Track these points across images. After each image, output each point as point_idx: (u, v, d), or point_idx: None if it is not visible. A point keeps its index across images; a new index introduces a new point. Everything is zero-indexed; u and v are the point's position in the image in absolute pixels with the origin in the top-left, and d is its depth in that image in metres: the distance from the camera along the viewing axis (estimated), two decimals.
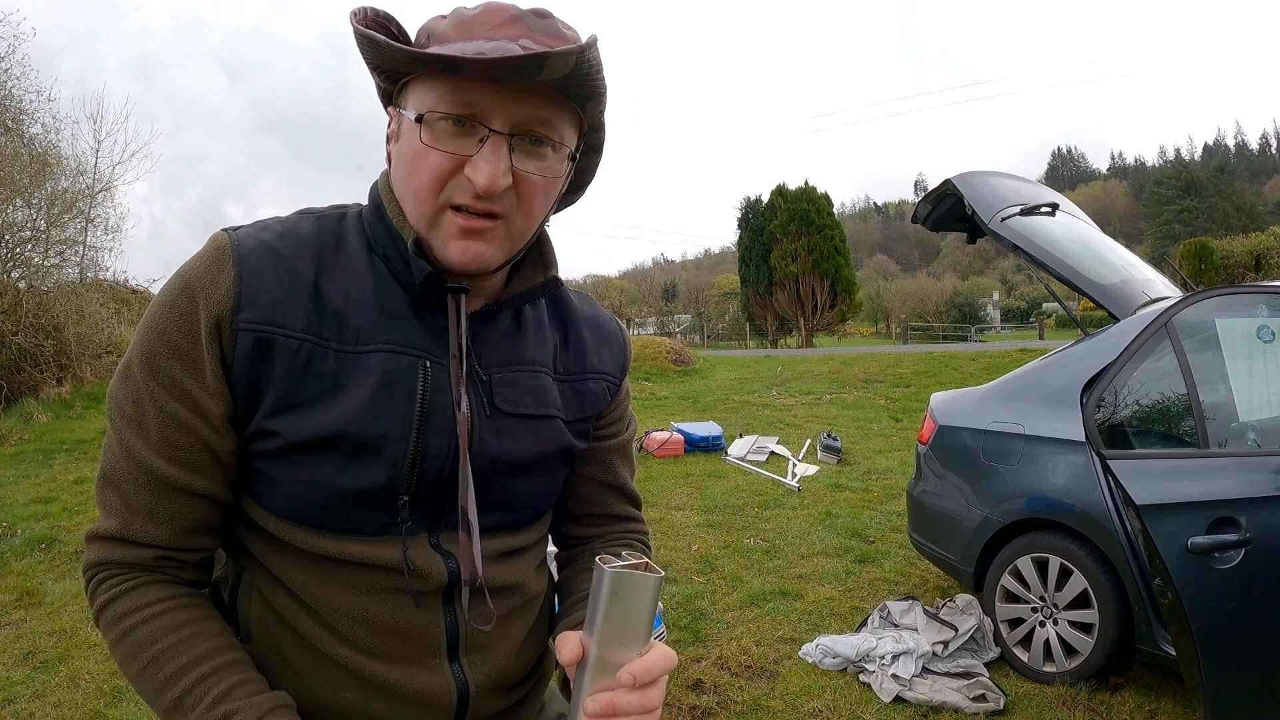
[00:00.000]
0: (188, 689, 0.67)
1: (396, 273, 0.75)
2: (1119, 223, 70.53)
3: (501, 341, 0.81)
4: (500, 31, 0.67)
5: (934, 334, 39.62)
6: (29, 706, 2.85)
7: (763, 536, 4.89)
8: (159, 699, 0.68)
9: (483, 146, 0.67)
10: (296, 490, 0.72)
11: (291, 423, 0.70)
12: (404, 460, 0.72)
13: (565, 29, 0.69)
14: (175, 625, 0.70)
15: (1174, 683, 2.89)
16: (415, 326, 0.74)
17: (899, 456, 7.10)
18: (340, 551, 0.73)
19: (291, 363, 0.69)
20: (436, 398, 0.74)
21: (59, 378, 8.90)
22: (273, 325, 0.69)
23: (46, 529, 4.90)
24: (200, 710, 0.66)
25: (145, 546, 0.72)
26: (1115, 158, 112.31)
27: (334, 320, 0.71)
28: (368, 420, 0.70)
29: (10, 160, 8.98)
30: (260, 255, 0.70)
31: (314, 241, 0.74)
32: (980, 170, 3.90)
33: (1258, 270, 24.97)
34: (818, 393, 11.58)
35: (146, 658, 0.68)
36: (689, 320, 49.04)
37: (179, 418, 0.69)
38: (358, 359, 0.71)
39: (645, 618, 0.66)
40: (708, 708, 2.84)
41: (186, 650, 0.69)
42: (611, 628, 0.65)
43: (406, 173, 0.71)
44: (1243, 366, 2.58)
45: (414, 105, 0.69)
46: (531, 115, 0.68)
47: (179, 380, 0.69)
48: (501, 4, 0.70)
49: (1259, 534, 2.05)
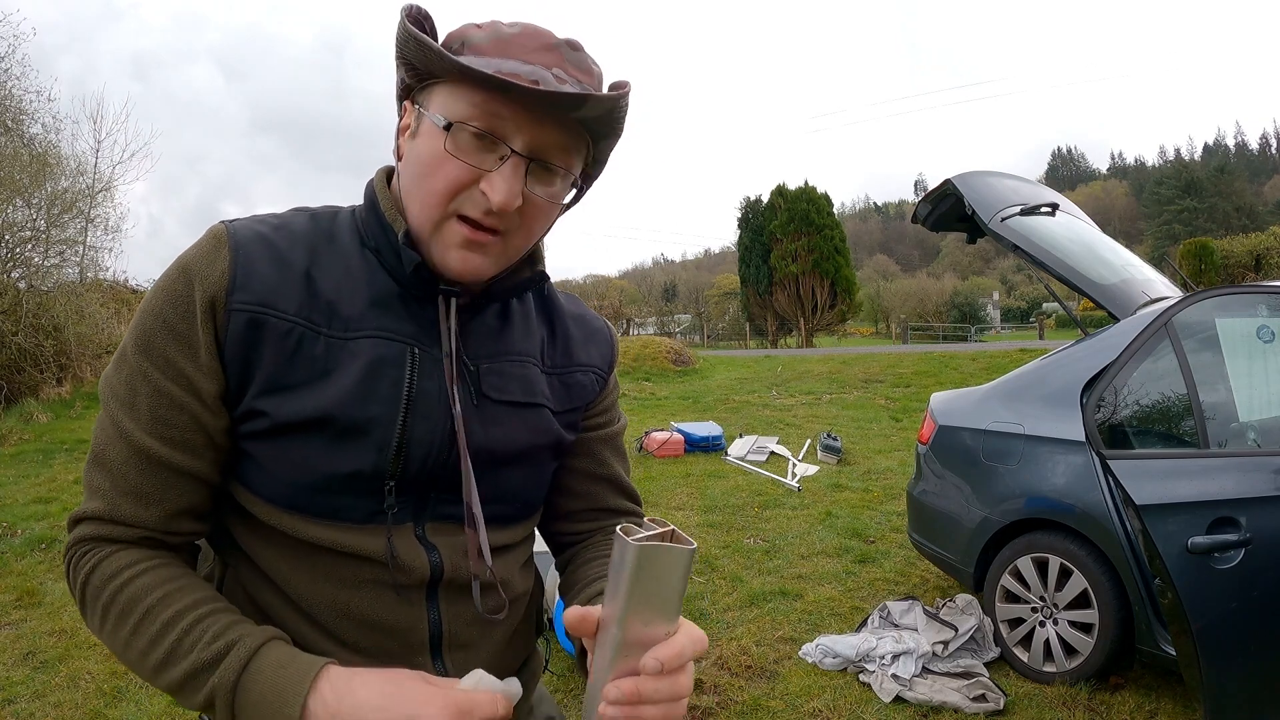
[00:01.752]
0: (186, 630, 0.66)
1: (387, 265, 0.76)
2: (1119, 223, 70.55)
3: (488, 333, 0.82)
4: (536, 57, 0.69)
5: (934, 334, 39.62)
6: (29, 706, 2.85)
7: (763, 536, 4.89)
8: (151, 652, 0.67)
9: (502, 165, 0.69)
10: (283, 473, 0.72)
11: (280, 403, 0.71)
12: (390, 444, 0.73)
13: (593, 65, 0.72)
14: (166, 579, 0.70)
15: (1174, 683, 2.89)
16: (403, 315, 0.76)
17: (899, 456, 7.10)
18: (325, 539, 0.73)
19: (282, 344, 0.71)
20: (423, 384, 0.75)
21: (59, 378, 8.91)
22: (265, 307, 0.70)
23: (46, 529, 4.91)
24: (201, 646, 0.65)
25: (131, 527, 0.71)
26: (1115, 158, 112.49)
27: (325, 307, 0.73)
28: (355, 404, 0.72)
29: (10, 160, 8.99)
30: (255, 243, 0.72)
31: (307, 235, 0.76)
32: (980, 170, 3.90)
33: (1258, 270, 24.97)
34: (818, 393, 11.58)
35: (140, 611, 0.68)
36: (689, 320, 49.04)
37: (172, 396, 0.70)
38: (346, 344, 0.73)
39: (675, 594, 0.60)
40: (708, 708, 2.84)
41: (181, 598, 0.68)
42: (637, 606, 0.59)
43: (421, 175, 0.72)
44: (1243, 366, 2.58)
45: (441, 110, 0.70)
46: (552, 142, 0.70)
47: (173, 359, 0.70)
48: (539, 30, 0.72)
49: (1259, 534, 2.05)
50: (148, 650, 0.67)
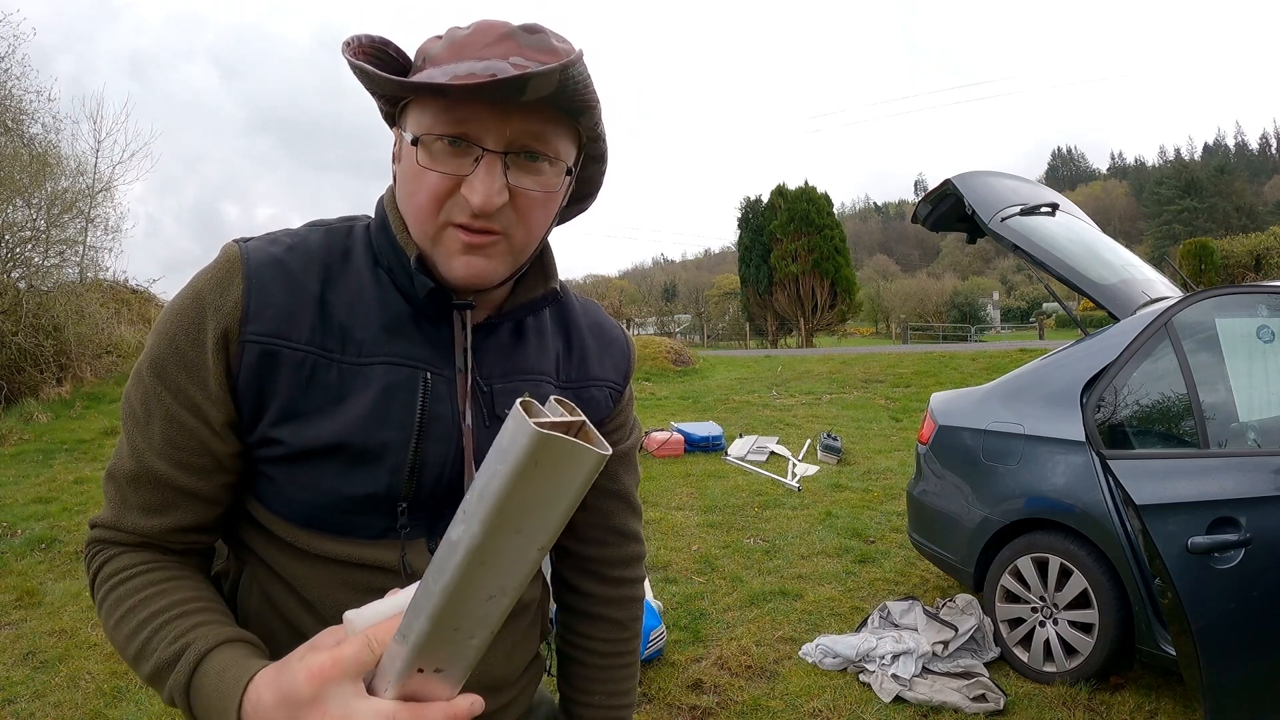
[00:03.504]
0: (156, 630, 0.68)
1: (400, 286, 0.77)
2: (1119, 223, 70.53)
3: (502, 353, 0.82)
4: (491, 50, 0.68)
5: (934, 334, 39.62)
6: (29, 706, 2.85)
7: (763, 536, 4.89)
8: (129, 646, 0.69)
9: (478, 166, 0.69)
10: (298, 494, 0.74)
11: (295, 431, 0.72)
12: (403, 469, 0.74)
13: (558, 43, 0.70)
14: (155, 580, 0.72)
15: (1174, 683, 2.89)
16: (416, 339, 0.76)
17: (899, 456, 7.10)
18: (339, 553, 0.75)
19: (296, 374, 0.72)
20: (436, 408, 0.76)
21: (59, 378, 8.89)
22: (278, 338, 0.71)
23: (46, 529, 4.91)
24: (163, 647, 0.67)
25: (136, 534, 0.75)
26: (1115, 158, 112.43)
27: (338, 332, 0.74)
28: (369, 430, 0.73)
29: (10, 160, 8.98)
30: (268, 268, 0.73)
31: (322, 254, 0.77)
32: (980, 170, 3.90)
33: (1258, 270, 24.98)
34: (818, 393, 11.59)
35: (124, 609, 0.70)
36: (689, 320, 49.06)
37: (183, 422, 0.72)
38: (360, 371, 0.74)
39: (559, 515, 0.47)
40: (708, 708, 2.84)
41: (161, 599, 0.70)
42: (510, 516, 0.46)
43: (407, 193, 0.72)
44: (1242, 366, 2.58)
45: (411, 127, 0.71)
46: (525, 131, 0.69)
47: (184, 387, 0.72)
48: (493, 22, 0.71)
49: (1259, 534, 2.05)
50: (126, 646, 0.70)
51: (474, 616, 0.50)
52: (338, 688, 0.54)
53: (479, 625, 0.51)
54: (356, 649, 0.54)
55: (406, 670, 0.52)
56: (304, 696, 0.55)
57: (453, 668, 0.53)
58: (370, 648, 0.54)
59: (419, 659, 0.52)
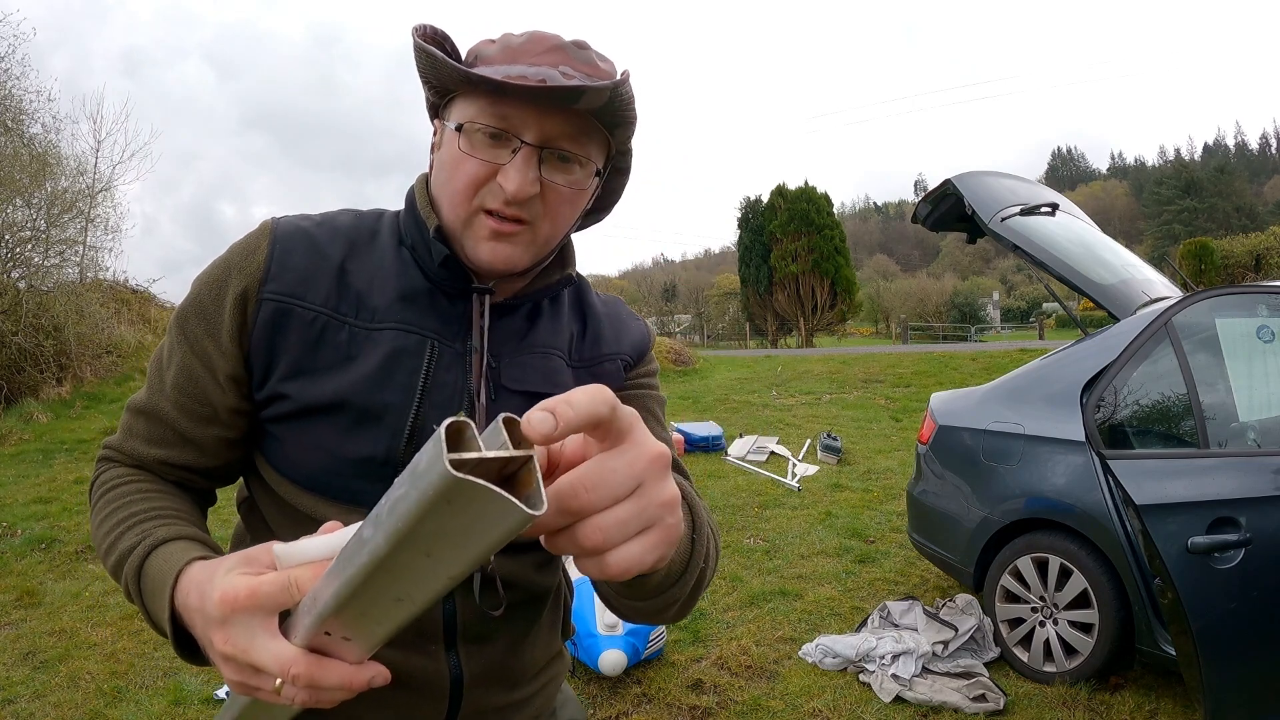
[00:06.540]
0: (128, 528, 0.73)
1: (421, 261, 0.81)
2: (1119, 223, 70.50)
3: (514, 333, 0.84)
4: (543, 59, 0.73)
5: (934, 334, 39.61)
6: (29, 706, 2.85)
7: (763, 536, 4.90)
8: (104, 542, 0.74)
9: (515, 156, 0.73)
10: (301, 455, 0.77)
11: (302, 387, 0.76)
12: (403, 431, 0.76)
13: (600, 61, 0.76)
14: (141, 490, 0.78)
15: (1174, 683, 2.89)
16: (429, 310, 0.80)
17: (899, 456, 7.10)
18: (340, 519, 0.74)
19: (307, 332, 0.76)
20: (441, 375, 0.78)
21: (59, 378, 8.89)
22: (293, 297, 0.76)
23: (46, 529, 4.91)
24: (126, 540, 0.71)
25: (134, 459, 0.82)
26: (1115, 158, 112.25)
27: (354, 299, 0.78)
28: (372, 390, 0.76)
29: (10, 160, 8.98)
30: (295, 237, 0.79)
31: (349, 231, 0.82)
32: (980, 170, 3.90)
33: (1258, 270, 24.99)
34: (818, 393, 11.58)
35: (108, 510, 0.76)
36: (689, 320, 49.09)
37: (191, 370, 0.78)
38: (370, 334, 0.77)
39: (475, 554, 0.40)
40: (708, 708, 2.84)
41: (140, 504, 0.75)
42: (418, 540, 0.40)
43: (445, 177, 0.77)
44: (1242, 366, 2.58)
45: (456, 116, 0.76)
46: (561, 132, 0.73)
47: (199, 338, 0.77)
48: (545, 34, 0.76)
49: (1259, 534, 2.05)
50: (102, 542, 0.75)
51: (381, 608, 0.48)
52: (248, 618, 0.54)
53: (386, 618, 0.50)
54: (275, 589, 0.53)
55: (315, 628, 0.52)
56: (213, 616, 0.56)
57: (360, 641, 0.53)
58: (289, 591, 0.53)
59: (325, 624, 0.51)
